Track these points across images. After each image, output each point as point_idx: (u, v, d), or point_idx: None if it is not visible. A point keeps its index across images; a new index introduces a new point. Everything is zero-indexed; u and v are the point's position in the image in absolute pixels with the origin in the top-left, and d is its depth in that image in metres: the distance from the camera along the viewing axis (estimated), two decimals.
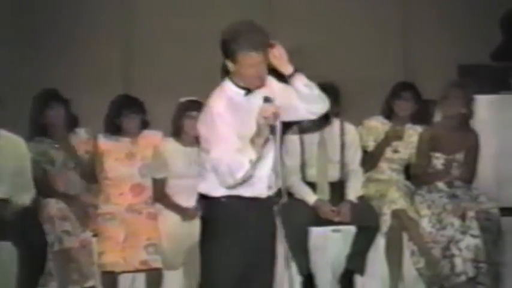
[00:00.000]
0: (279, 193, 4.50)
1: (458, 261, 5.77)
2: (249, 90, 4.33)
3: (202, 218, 4.51)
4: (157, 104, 6.62)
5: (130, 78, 8.16)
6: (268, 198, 4.44)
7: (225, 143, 4.20)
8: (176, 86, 7.58)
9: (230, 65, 4.28)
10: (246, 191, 4.35)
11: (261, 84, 4.32)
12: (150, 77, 8.09)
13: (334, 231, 6.15)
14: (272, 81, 4.41)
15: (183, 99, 6.18)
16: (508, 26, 7.32)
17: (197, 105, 6.07)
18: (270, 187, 4.43)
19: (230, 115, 4.26)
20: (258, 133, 4.16)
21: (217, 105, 4.29)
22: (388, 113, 6.44)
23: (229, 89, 4.36)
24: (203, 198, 4.47)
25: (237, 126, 4.24)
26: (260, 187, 4.39)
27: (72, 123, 6.29)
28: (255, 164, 4.18)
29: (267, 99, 4.18)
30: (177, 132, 6.14)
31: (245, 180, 4.25)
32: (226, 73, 4.41)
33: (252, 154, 4.15)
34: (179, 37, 8.15)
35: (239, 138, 4.21)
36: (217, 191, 4.37)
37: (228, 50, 4.24)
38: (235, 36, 4.21)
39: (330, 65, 7.82)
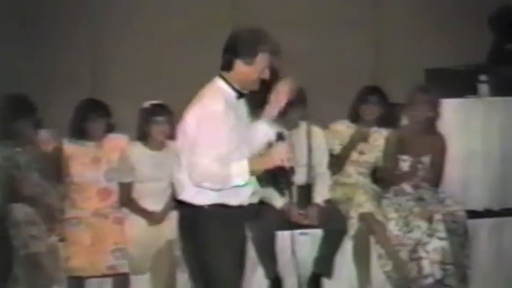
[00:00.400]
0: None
1: (425, 263, 5.79)
2: (241, 95, 4.40)
3: (189, 227, 4.50)
4: (122, 107, 6.57)
5: (96, 81, 8.13)
6: (251, 205, 4.49)
7: (221, 144, 4.23)
8: (141, 89, 7.57)
9: (240, 65, 4.33)
10: (231, 200, 4.39)
11: (256, 88, 4.39)
12: (115, 80, 8.07)
13: (301, 234, 6.16)
14: None
15: (147, 104, 6.13)
16: (498, 26, 7.38)
17: (163, 110, 6.08)
18: (254, 193, 4.49)
19: (227, 116, 4.28)
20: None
21: (216, 103, 4.29)
22: (355, 117, 6.47)
23: (224, 88, 4.38)
24: (185, 206, 4.47)
25: (229, 129, 4.27)
26: (245, 195, 4.43)
27: (37, 125, 6.19)
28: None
29: (280, 137, 4.31)
30: (143, 136, 6.10)
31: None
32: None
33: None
34: (144, 40, 8.14)
35: (229, 142, 4.25)
36: (200, 199, 4.39)
37: (249, 50, 4.31)
38: (261, 38, 4.33)
39: (297, 68, 7.82)
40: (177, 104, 6.14)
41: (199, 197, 4.40)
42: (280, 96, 4.47)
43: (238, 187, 4.32)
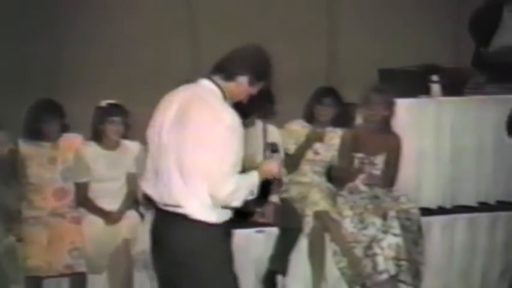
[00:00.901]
0: None
1: (380, 259, 5.87)
2: None
3: (191, 247, 4.33)
4: (76, 107, 6.60)
5: (49, 81, 8.13)
6: None
7: (237, 160, 4.21)
8: (95, 88, 7.58)
9: (244, 81, 4.36)
10: (227, 214, 4.37)
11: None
12: (69, 80, 8.07)
13: (257, 232, 6.24)
14: None
15: (103, 103, 6.17)
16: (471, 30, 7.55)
17: (119, 110, 6.12)
18: None
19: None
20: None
21: (235, 118, 4.23)
22: (309, 117, 6.55)
23: (221, 97, 4.35)
24: (192, 223, 4.27)
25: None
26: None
27: None
28: None
29: (274, 148, 4.41)
30: (97, 136, 6.13)
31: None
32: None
33: None
34: (100, 39, 8.15)
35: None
36: (209, 215, 4.27)
37: (261, 74, 4.40)
38: (270, 65, 4.46)
39: None
40: (132, 104, 6.29)
41: (206, 212, 4.27)
42: None
43: None
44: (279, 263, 6.20)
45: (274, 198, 6.25)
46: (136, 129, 6.37)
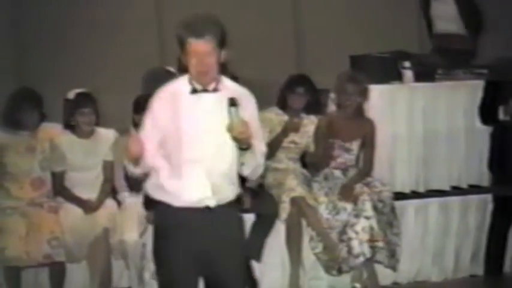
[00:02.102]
0: None
1: (355, 243, 5.95)
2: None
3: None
4: (51, 94, 6.54)
5: (24, 70, 8.09)
6: None
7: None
8: (71, 75, 7.58)
9: (182, 58, 4.09)
10: None
11: (208, 79, 4.08)
12: (44, 68, 8.05)
13: None
14: (249, 102, 4.19)
15: (71, 94, 6.15)
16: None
17: (88, 100, 6.11)
18: None
19: None
20: None
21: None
22: (283, 104, 6.57)
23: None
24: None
25: None
26: None
27: None
28: None
29: (232, 102, 3.97)
30: (70, 126, 6.12)
31: None
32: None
33: None
34: (72, 26, 8.14)
35: None
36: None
37: (179, 41, 4.05)
38: (183, 25, 4.04)
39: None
40: (100, 91, 6.30)
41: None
42: None
43: None
44: (254, 249, 6.22)
45: (249, 184, 6.27)
46: (112, 117, 6.44)
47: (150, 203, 5.46)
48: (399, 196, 6.49)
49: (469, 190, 6.86)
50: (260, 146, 4.21)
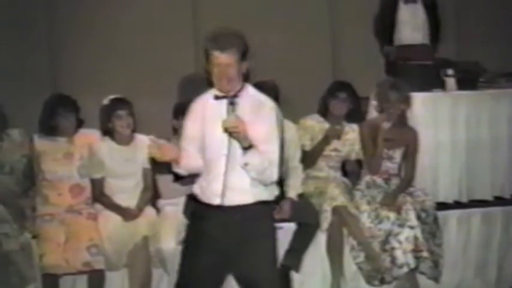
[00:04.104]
0: None
1: (398, 253, 5.85)
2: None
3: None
4: (88, 101, 6.51)
5: (58, 76, 8.07)
6: None
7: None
8: (106, 82, 7.55)
9: (207, 67, 4.54)
10: None
11: (228, 88, 4.52)
12: (78, 73, 8.02)
13: None
14: (263, 109, 4.57)
15: (106, 100, 6.08)
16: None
17: (123, 103, 6.04)
18: None
19: None
20: None
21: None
22: (324, 112, 6.50)
23: None
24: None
25: None
26: None
27: (3, 124, 6.06)
28: None
29: (231, 102, 4.43)
30: (107, 132, 6.05)
31: None
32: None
33: None
34: (107, 32, 8.11)
35: None
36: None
37: (205, 52, 4.51)
38: (209, 38, 4.49)
39: (264, 65, 7.89)
40: (137, 98, 6.24)
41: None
42: None
43: None
44: (293, 258, 6.15)
45: (291, 194, 6.20)
46: (150, 123, 6.37)
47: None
48: (441, 206, 6.38)
49: None
50: (269, 150, 4.47)
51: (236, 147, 4.44)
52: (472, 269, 6.53)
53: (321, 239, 6.16)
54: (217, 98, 4.56)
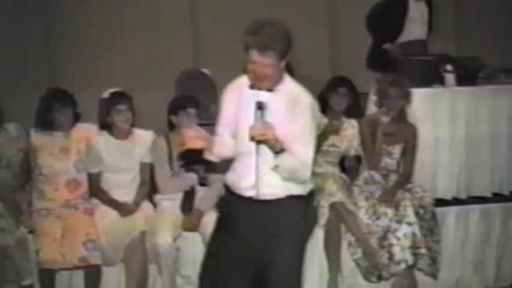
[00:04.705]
0: None
1: (396, 249, 5.84)
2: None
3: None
4: (85, 96, 6.45)
5: (56, 70, 8.05)
6: None
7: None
8: (103, 76, 7.52)
9: (244, 59, 4.29)
10: None
11: (262, 86, 4.28)
12: (75, 68, 7.99)
13: None
14: (298, 105, 4.33)
15: (105, 94, 6.06)
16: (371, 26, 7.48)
17: (123, 98, 6.00)
18: None
19: None
20: None
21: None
22: (323, 107, 6.47)
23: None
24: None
25: None
26: None
27: (0, 119, 6.05)
28: None
29: (259, 106, 4.17)
30: (105, 126, 6.02)
31: None
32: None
33: None
34: (105, 27, 8.09)
35: None
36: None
37: (244, 44, 4.25)
38: (250, 32, 4.21)
39: None
40: (135, 92, 6.20)
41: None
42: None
43: None
44: None
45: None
46: (147, 118, 6.34)
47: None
48: (439, 203, 6.36)
49: (511, 197, 6.72)
50: (302, 152, 4.25)
51: None
52: (471, 265, 6.51)
53: (318, 235, 6.10)
54: (252, 87, 4.34)
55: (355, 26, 8.44)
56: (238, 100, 4.37)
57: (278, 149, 4.17)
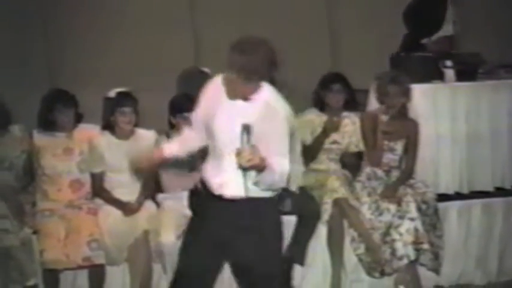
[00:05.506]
0: None
1: (399, 245, 5.85)
2: None
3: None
4: (87, 96, 6.44)
5: (57, 70, 8.05)
6: None
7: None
8: (105, 75, 7.53)
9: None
10: None
11: (242, 97, 4.28)
12: (78, 67, 8.00)
13: None
14: (275, 116, 4.30)
15: (111, 93, 6.05)
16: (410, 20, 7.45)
17: (129, 99, 6.00)
18: None
19: None
20: None
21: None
22: (321, 105, 6.48)
23: None
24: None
25: None
26: None
27: (5, 121, 6.06)
28: None
29: (245, 128, 4.11)
30: (109, 126, 6.03)
31: None
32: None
33: None
34: (107, 26, 8.10)
35: None
36: None
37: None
38: (231, 52, 4.19)
39: None
40: (137, 92, 6.21)
41: None
42: None
43: None
44: (298, 252, 6.14)
45: (292, 187, 6.19)
46: (148, 117, 6.35)
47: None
48: (442, 198, 6.37)
49: None
50: (281, 164, 4.26)
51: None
52: (473, 260, 6.53)
53: (321, 231, 6.15)
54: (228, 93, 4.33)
55: (355, 21, 8.52)
56: (215, 99, 4.37)
57: (261, 169, 4.16)
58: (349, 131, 6.44)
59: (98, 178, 6.02)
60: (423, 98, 6.52)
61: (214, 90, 4.42)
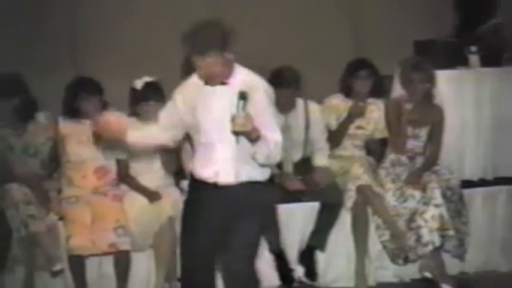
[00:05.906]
0: None
1: (424, 231, 5.83)
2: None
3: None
4: (111, 83, 6.41)
5: (82, 58, 8.05)
6: None
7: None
8: (131, 64, 7.52)
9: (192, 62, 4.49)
10: None
11: (215, 83, 4.46)
12: (102, 56, 8.00)
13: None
14: (256, 92, 4.41)
15: (138, 84, 6.01)
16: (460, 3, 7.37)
17: (155, 92, 5.95)
18: None
19: None
20: None
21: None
22: (347, 91, 6.47)
23: None
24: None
25: None
26: None
27: (32, 108, 6.11)
28: None
29: (242, 95, 4.25)
30: (135, 113, 5.98)
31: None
32: None
33: None
34: (132, 14, 8.09)
35: None
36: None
37: (185, 53, 4.52)
38: (185, 41, 4.40)
39: (282, 47, 7.84)
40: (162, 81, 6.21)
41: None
42: None
43: None
44: (319, 239, 6.17)
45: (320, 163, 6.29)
46: None
47: None
48: (466, 184, 6.35)
49: None
50: (273, 136, 4.42)
51: (224, 130, 4.39)
52: (498, 247, 6.50)
53: (345, 218, 6.15)
54: (206, 84, 4.50)
55: (379, 6, 8.46)
56: (192, 93, 4.53)
57: (255, 137, 4.32)
58: (375, 117, 6.42)
59: (124, 164, 6.04)
60: (447, 84, 6.48)
61: (188, 88, 4.61)
